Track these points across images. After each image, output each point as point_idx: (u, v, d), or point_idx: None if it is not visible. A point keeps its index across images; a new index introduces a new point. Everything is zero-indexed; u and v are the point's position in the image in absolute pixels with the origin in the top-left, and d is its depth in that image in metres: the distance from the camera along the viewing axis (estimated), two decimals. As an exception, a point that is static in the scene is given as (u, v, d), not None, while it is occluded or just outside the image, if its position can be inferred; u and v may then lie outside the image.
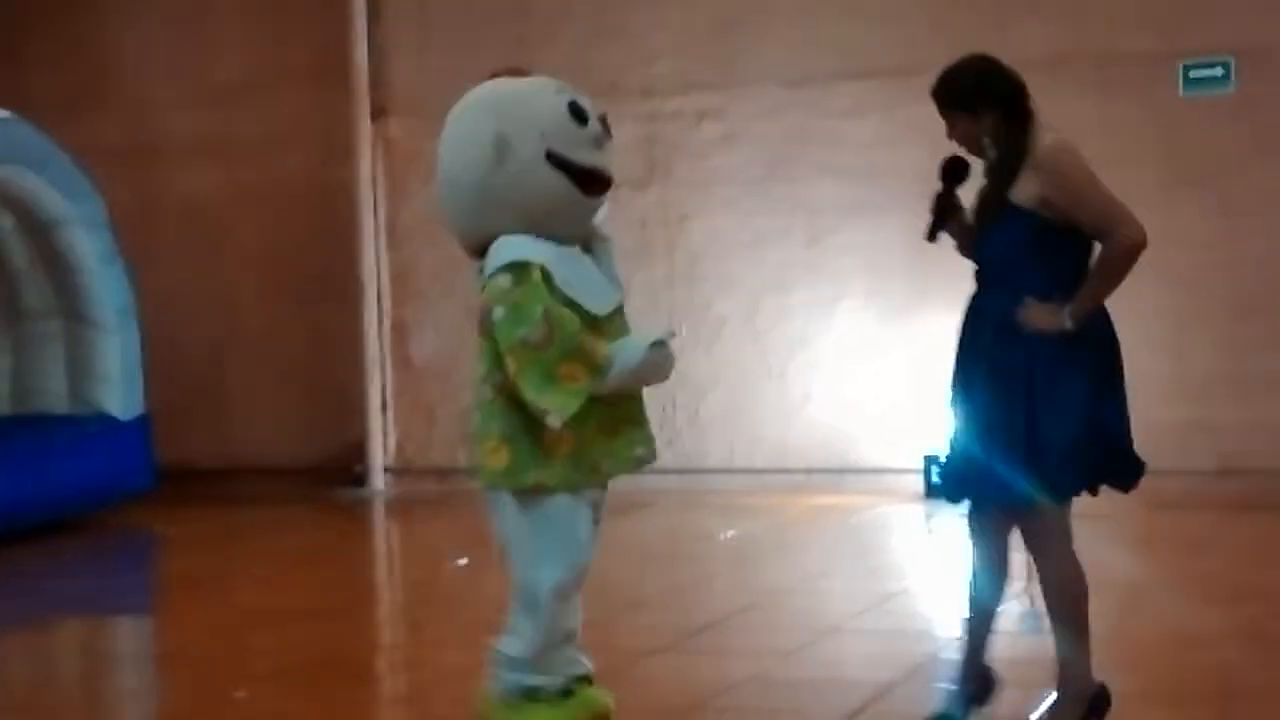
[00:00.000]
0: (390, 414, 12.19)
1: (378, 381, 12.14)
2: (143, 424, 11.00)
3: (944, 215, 4.98)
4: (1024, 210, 4.72)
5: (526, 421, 4.82)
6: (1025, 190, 4.73)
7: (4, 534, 9.68)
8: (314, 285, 12.31)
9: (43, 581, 9.02)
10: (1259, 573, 7.75)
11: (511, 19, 11.49)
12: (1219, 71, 10.31)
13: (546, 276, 4.80)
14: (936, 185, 5.04)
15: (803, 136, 11.10)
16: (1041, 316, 4.72)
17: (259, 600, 8.09)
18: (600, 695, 5.05)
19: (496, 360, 4.84)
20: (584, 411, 4.79)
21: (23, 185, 10.43)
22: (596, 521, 5.06)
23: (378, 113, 12.16)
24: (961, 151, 4.96)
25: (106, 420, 10.87)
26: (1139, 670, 5.98)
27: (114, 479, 10.81)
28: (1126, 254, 4.72)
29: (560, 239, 4.89)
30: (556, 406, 4.74)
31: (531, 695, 4.94)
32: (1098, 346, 4.81)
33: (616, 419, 4.98)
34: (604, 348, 4.84)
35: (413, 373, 12.17)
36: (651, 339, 4.90)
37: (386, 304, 12.19)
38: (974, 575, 5.02)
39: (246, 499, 11.67)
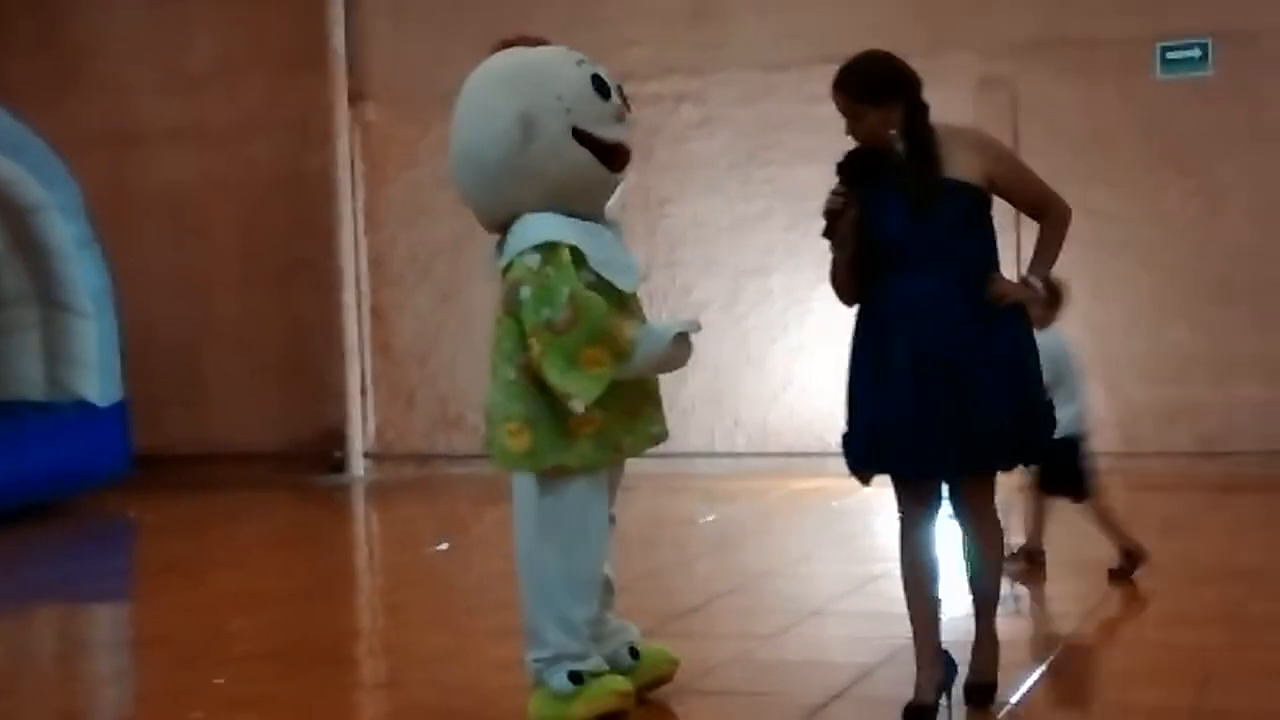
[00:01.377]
0: (369, 399, 12.16)
1: (356, 367, 12.11)
2: (120, 410, 10.96)
3: (844, 211, 4.82)
4: (968, 185, 4.75)
5: (551, 403, 4.76)
6: (967, 167, 4.76)
7: (-19, 520, 9.67)
8: (291, 270, 12.27)
9: (20, 567, 8.99)
10: (1238, 554, 7.75)
11: (488, 4, 11.44)
12: (1196, 53, 10.30)
13: (578, 256, 4.74)
14: (835, 182, 4.89)
15: (781, 121, 11.08)
16: (1014, 288, 4.79)
17: (237, 585, 8.06)
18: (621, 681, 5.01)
19: (521, 339, 4.77)
20: (610, 391, 4.74)
21: (-2, 171, 10.39)
22: (613, 501, 5.04)
23: (355, 98, 12.13)
24: (850, 146, 4.92)
25: (83, 406, 10.82)
26: (1119, 650, 6.01)
27: (91, 465, 10.77)
28: (1067, 222, 4.88)
29: (582, 215, 4.83)
30: (579, 391, 4.68)
31: (578, 679, 4.89)
32: None
33: (639, 397, 4.96)
34: (630, 331, 4.77)
35: (391, 358, 12.14)
36: (675, 330, 4.85)
37: (365, 289, 12.16)
38: (923, 557, 4.92)
39: (224, 484, 11.64)
